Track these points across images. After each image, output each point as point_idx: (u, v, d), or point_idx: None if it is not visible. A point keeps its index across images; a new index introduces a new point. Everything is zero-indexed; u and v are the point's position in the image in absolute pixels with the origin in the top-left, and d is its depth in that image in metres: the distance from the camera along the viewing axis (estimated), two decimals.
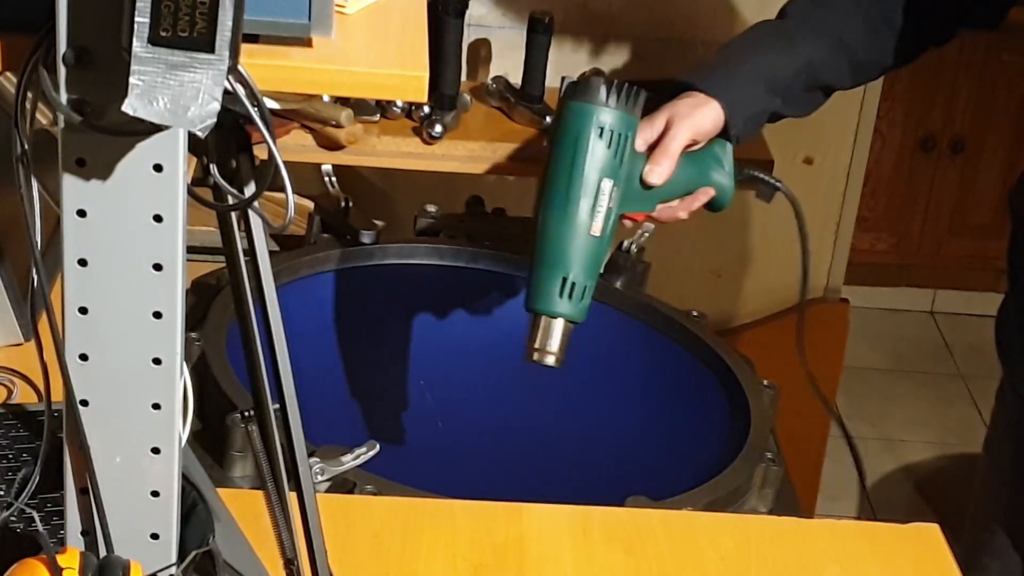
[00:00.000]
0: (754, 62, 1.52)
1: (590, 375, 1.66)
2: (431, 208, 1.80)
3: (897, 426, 3.38)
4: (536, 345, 1.35)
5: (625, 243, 1.73)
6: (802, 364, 1.54)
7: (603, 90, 1.35)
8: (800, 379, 1.54)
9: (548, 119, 2.12)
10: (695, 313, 1.66)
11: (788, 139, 2.37)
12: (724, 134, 1.47)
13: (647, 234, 1.72)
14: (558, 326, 1.35)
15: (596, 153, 1.35)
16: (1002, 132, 3.54)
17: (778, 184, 1.54)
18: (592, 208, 1.35)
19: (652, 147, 1.42)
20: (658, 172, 1.40)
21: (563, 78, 1.41)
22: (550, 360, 1.36)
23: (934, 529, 1.35)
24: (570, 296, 1.35)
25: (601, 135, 1.35)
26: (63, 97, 0.79)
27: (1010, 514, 1.71)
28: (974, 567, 1.73)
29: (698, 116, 1.44)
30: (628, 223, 1.44)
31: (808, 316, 1.58)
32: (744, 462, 1.41)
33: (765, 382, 1.54)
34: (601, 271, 1.39)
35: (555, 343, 1.35)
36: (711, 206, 1.50)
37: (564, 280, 1.34)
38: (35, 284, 0.86)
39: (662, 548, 1.29)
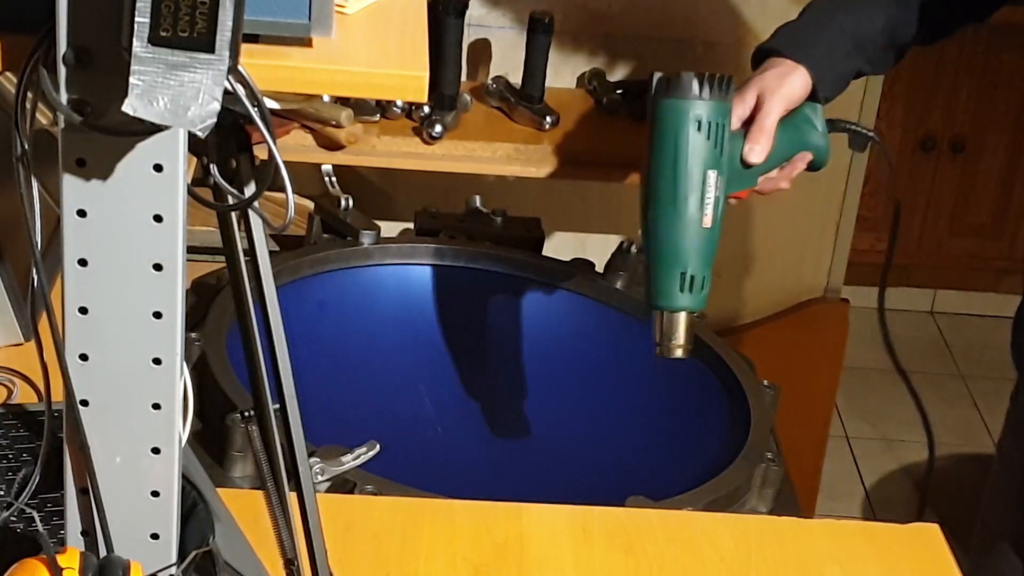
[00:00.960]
0: (838, 23, 1.53)
1: (590, 375, 1.66)
2: (431, 208, 1.80)
3: (897, 426, 3.38)
4: (663, 340, 1.39)
5: (625, 243, 1.73)
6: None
7: (695, 84, 1.37)
8: (800, 379, 1.55)
9: (548, 119, 2.12)
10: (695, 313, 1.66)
11: None
12: (813, 96, 1.50)
13: None
14: (681, 319, 1.39)
15: (697, 147, 1.37)
16: (1002, 132, 3.54)
17: (871, 133, 1.57)
18: (701, 201, 1.38)
19: (746, 123, 1.45)
20: (758, 151, 1.44)
21: (652, 74, 1.40)
22: (678, 352, 1.39)
23: (934, 529, 1.35)
24: (690, 289, 1.38)
25: (699, 128, 1.37)
26: (63, 97, 0.79)
27: (1021, 515, 1.71)
28: (985, 568, 1.73)
29: (787, 86, 1.47)
30: (733, 202, 1.46)
31: (811, 314, 1.59)
32: (744, 462, 1.42)
33: (765, 382, 1.54)
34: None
35: (680, 336, 1.39)
36: (811, 167, 1.52)
37: (683, 275, 1.38)
38: (35, 284, 0.86)
39: (662, 548, 1.29)
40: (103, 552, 0.92)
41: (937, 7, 1.57)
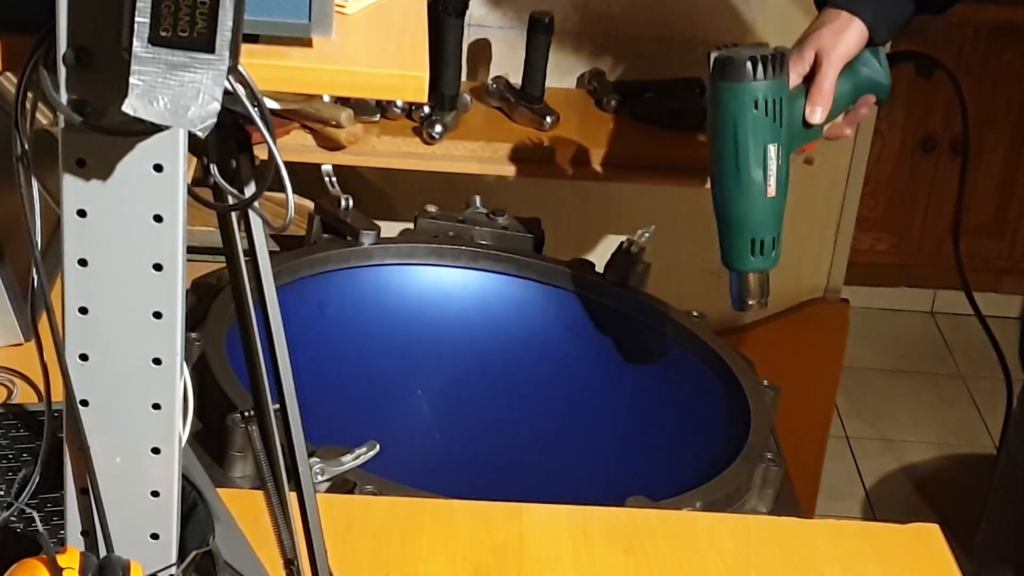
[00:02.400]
0: None
1: (590, 375, 1.66)
2: (431, 208, 1.80)
3: (897, 426, 3.38)
4: (739, 298, 1.51)
5: (625, 243, 1.73)
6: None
7: (749, 67, 1.42)
8: (800, 379, 1.55)
9: (548, 119, 2.12)
10: (695, 313, 1.66)
11: None
12: (870, 43, 1.53)
13: (647, 234, 1.72)
14: (754, 279, 1.50)
15: (756, 126, 1.43)
16: (1002, 132, 3.54)
17: (935, 58, 1.66)
18: (764, 174, 1.45)
19: (806, 78, 1.49)
20: (820, 112, 1.48)
21: (708, 54, 1.46)
22: (753, 307, 1.51)
23: (934, 529, 1.35)
24: (761, 252, 1.47)
25: (757, 107, 1.43)
26: (63, 97, 0.79)
27: None
28: (989, 570, 1.73)
29: (844, 43, 1.50)
30: (802, 156, 1.51)
31: (811, 314, 1.60)
32: (744, 462, 1.41)
33: (765, 382, 1.54)
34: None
35: (755, 293, 1.50)
36: (877, 104, 1.58)
37: (753, 241, 1.47)
38: (35, 284, 0.86)
39: (662, 548, 1.29)
40: (103, 552, 0.92)
41: None
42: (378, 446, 1.31)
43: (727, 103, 1.43)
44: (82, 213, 0.83)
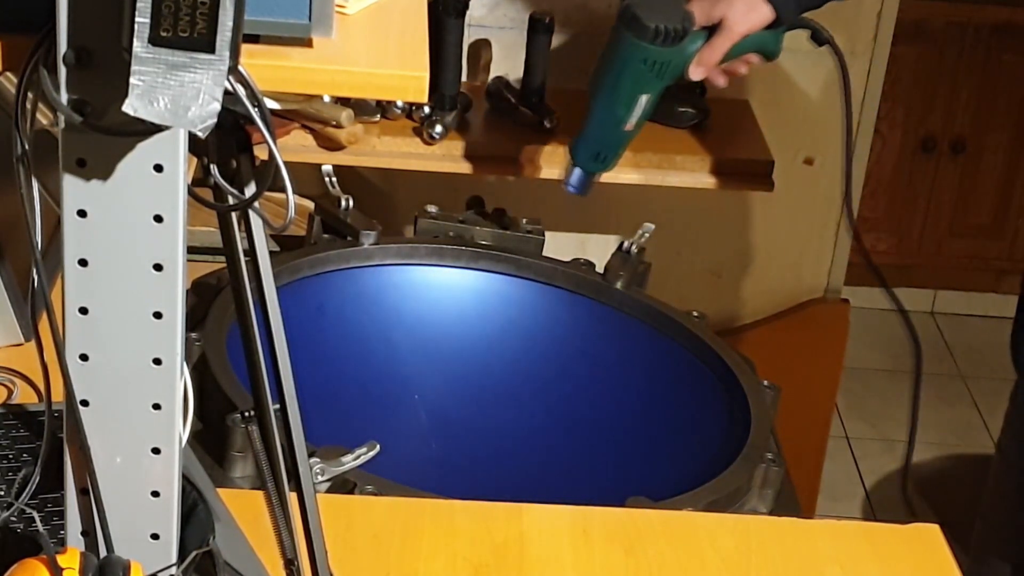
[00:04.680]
0: None
1: (591, 375, 1.66)
2: (431, 208, 1.80)
3: (897, 426, 3.38)
4: (571, 183, 1.76)
5: (625, 244, 1.73)
6: None
7: (652, 32, 1.56)
8: (800, 379, 1.55)
9: (548, 119, 2.12)
10: (695, 313, 1.66)
11: (788, 139, 2.37)
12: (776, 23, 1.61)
13: (647, 235, 1.72)
14: (586, 175, 1.75)
15: (639, 78, 1.61)
16: (1002, 133, 3.54)
17: (827, 34, 1.72)
18: (629, 112, 1.65)
19: (708, 29, 1.60)
20: (701, 72, 1.62)
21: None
22: (573, 191, 1.76)
23: (934, 529, 1.35)
24: (601, 161, 1.72)
25: (646, 63, 1.60)
26: (63, 97, 0.79)
27: (1021, 513, 1.71)
28: (984, 566, 1.73)
29: (748, 21, 1.59)
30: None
31: (811, 314, 1.61)
32: (744, 462, 1.41)
33: (765, 382, 1.54)
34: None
35: (582, 185, 1.75)
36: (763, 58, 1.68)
37: (598, 153, 1.71)
38: (35, 284, 0.86)
39: (662, 548, 1.29)
40: (103, 552, 0.92)
41: None
42: (378, 446, 1.31)
43: (622, 49, 1.60)
44: (82, 213, 0.83)
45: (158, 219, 0.84)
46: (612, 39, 1.62)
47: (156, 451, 0.91)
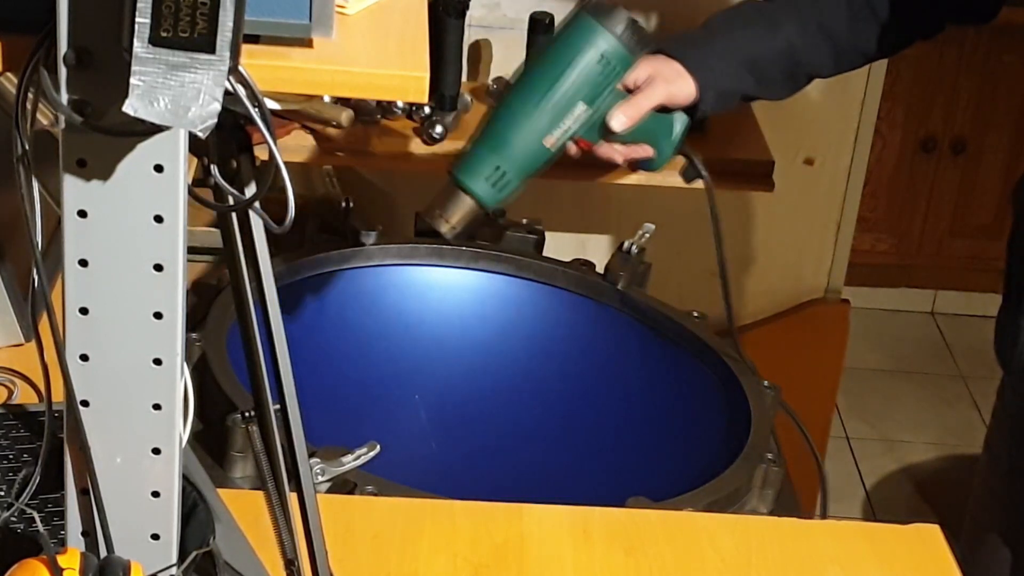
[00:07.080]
0: (734, 41, 1.55)
1: (591, 376, 1.66)
2: None
3: (897, 427, 3.38)
4: (440, 210, 1.43)
5: (625, 244, 1.73)
6: None
7: (621, 24, 1.41)
8: (800, 379, 1.55)
9: None
10: (695, 313, 1.66)
11: (789, 139, 2.37)
12: (693, 107, 1.52)
13: (647, 235, 1.72)
14: (468, 203, 1.43)
15: (587, 75, 1.42)
16: (1003, 133, 3.54)
17: (703, 173, 1.58)
18: (556, 121, 1.43)
19: (629, 91, 1.48)
20: (622, 121, 1.47)
21: None
22: (444, 228, 1.43)
23: (934, 529, 1.35)
24: (494, 184, 1.42)
25: (601, 59, 1.42)
26: (64, 98, 0.79)
27: (1009, 510, 1.71)
28: (973, 564, 1.73)
29: (676, 86, 1.51)
30: (572, 147, 1.48)
31: (811, 314, 1.60)
32: (744, 463, 1.42)
33: (765, 382, 1.54)
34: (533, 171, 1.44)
35: (457, 216, 1.43)
36: (643, 165, 1.55)
37: (497, 168, 1.42)
38: (36, 284, 0.86)
39: (662, 549, 1.29)
40: (103, 552, 0.92)
41: (879, 22, 1.56)
42: (378, 446, 1.31)
43: (580, 35, 1.41)
44: (82, 213, 0.83)
45: (158, 219, 0.84)
46: (565, 27, 1.44)
47: (156, 451, 0.91)
